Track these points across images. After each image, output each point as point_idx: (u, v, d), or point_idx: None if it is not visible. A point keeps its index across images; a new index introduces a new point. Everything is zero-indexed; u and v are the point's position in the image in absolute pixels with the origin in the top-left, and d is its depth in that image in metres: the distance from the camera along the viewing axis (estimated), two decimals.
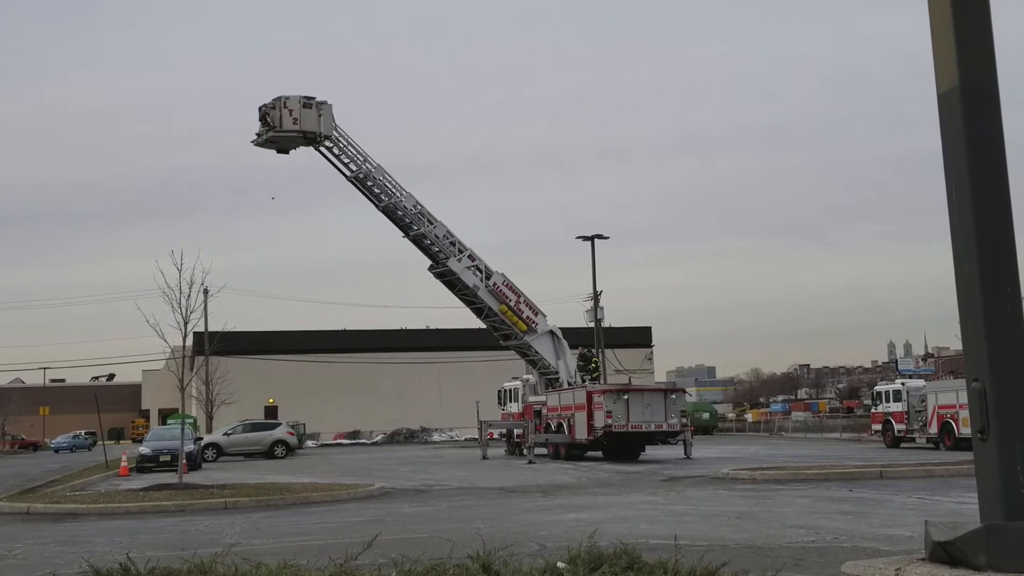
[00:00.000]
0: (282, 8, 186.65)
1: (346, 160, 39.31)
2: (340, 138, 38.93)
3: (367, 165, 39.36)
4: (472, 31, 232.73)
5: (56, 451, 68.83)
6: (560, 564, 7.70)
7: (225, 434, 44.84)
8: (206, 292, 36.74)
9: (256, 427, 45.88)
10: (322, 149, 38.88)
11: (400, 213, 39.73)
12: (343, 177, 39.69)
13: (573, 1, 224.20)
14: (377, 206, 39.92)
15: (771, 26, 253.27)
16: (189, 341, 24.65)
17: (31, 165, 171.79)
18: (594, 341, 51.02)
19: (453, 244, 40.23)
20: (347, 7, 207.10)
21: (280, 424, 47.92)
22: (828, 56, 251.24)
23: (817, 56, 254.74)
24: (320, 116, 37.86)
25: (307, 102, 37.70)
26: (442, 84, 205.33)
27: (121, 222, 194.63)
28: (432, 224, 39.98)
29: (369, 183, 39.54)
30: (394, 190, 39.72)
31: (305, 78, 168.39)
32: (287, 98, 37.55)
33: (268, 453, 43.75)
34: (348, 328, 79.25)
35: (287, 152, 39.08)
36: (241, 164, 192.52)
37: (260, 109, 38.06)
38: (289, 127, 37.44)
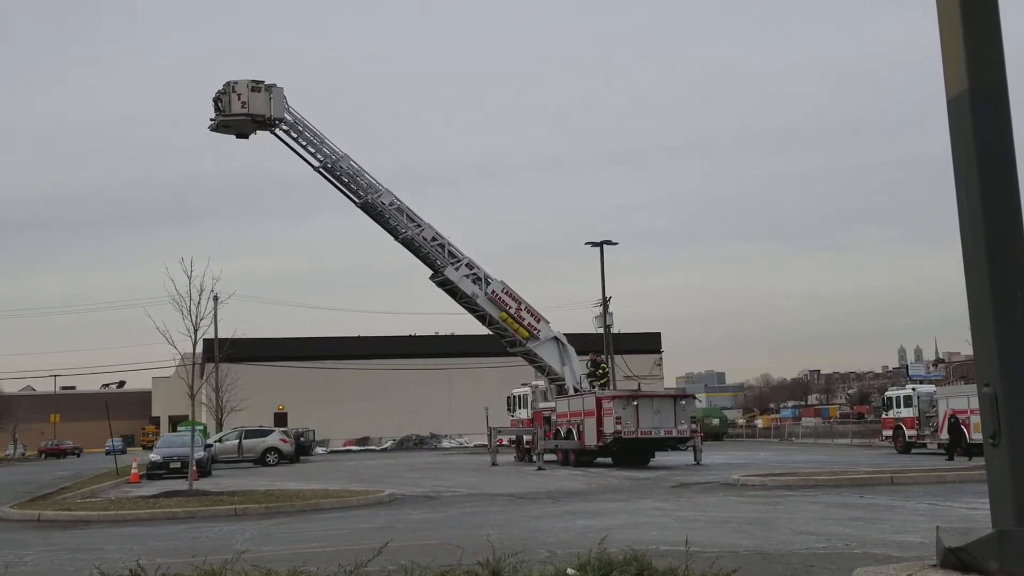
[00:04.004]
0: (288, 15, 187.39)
1: (304, 143, 38.99)
2: (297, 122, 38.67)
3: (325, 148, 38.91)
4: (477, 36, 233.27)
5: (107, 453, 71.62)
6: (570, 571, 7.68)
7: (218, 441, 44.89)
8: (216, 299, 36.93)
9: (249, 434, 45.85)
10: (279, 133, 38.65)
11: (379, 210, 39.37)
12: (311, 169, 39.28)
13: (579, 5, 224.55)
14: (356, 203, 39.47)
15: (778, 29, 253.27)
16: (199, 348, 24.64)
17: (39, 172, 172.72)
18: (603, 347, 50.97)
19: (443, 247, 39.72)
20: (352, 13, 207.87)
21: (273, 431, 47.82)
22: (835, 59, 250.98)
23: (824, 59, 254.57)
24: (270, 99, 37.70)
25: (255, 85, 37.70)
26: (448, 90, 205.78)
27: (129, 229, 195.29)
28: (418, 226, 39.57)
29: (339, 174, 39.14)
30: (359, 177, 39.28)
31: (310, 84, 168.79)
32: (236, 82, 37.63)
33: (260, 460, 43.78)
34: (358, 335, 79.39)
35: (246, 137, 38.94)
36: (249, 170, 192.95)
37: (214, 96, 38.27)
38: (237, 111, 37.44)
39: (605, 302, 52.83)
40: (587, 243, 51.84)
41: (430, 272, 40.34)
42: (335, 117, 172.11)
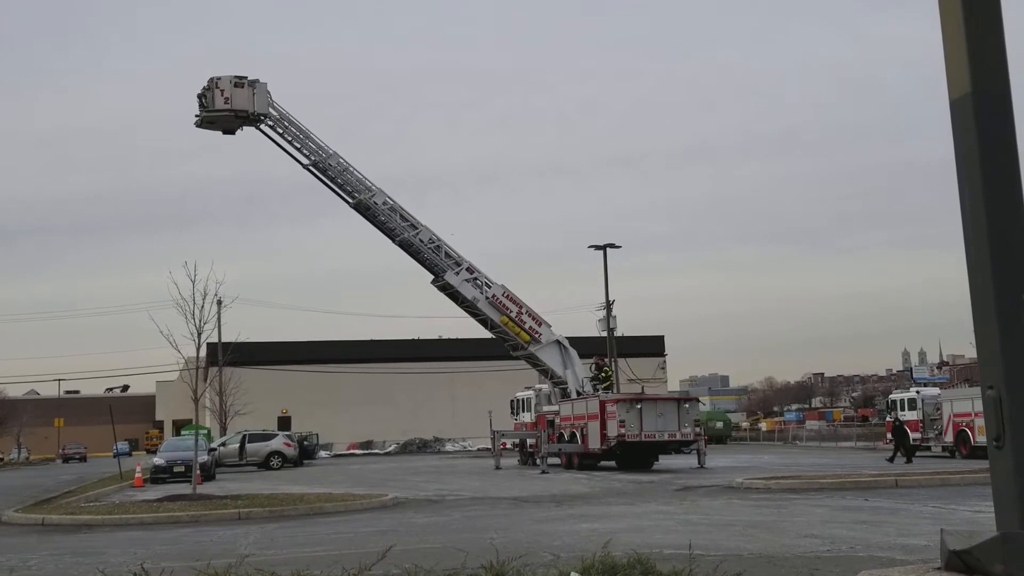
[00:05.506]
0: (288, 20, 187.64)
1: (289, 139, 38.97)
2: (283, 118, 38.64)
3: (311, 143, 38.89)
4: (479, 40, 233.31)
5: (115, 456, 72.04)
6: (574, 574, 7.69)
7: (221, 445, 44.89)
8: (219, 303, 36.96)
9: (252, 438, 45.86)
10: (264, 129, 38.69)
11: (372, 210, 39.19)
12: (301, 167, 39.22)
13: (582, 9, 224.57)
14: (349, 203, 39.39)
15: (780, 33, 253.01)
16: (203, 352, 24.69)
17: (42, 177, 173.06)
18: (607, 350, 50.95)
19: (439, 249, 39.69)
20: (354, 18, 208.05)
21: (277, 435, 47.77)
22: (837, 63, 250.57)
23: (827, 62, 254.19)
24: (253, 95, 37.80)
25: (238, 81, 37.87)
26: (450, 94, 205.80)
27: (133, 234, 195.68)
28: (414, 227, 39.39)
29: (328, 171, 39.00)
30: (346, 173, 39.09)
31: (312, 87, 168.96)
32: (219, 79, 37.82)
33: (264, 464, 43.81)
34: (361, 339, 79.40)
35: (232, 133, 39.12)
36: (251, 175, 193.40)
37: (199, 92, 38.38)
38: (220, 106, 37.63)
39: (608, 305, 52.82)
40: (591, 246, 51.86)
41: (431, 276, 40.36)
42: (336, 121, 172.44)
